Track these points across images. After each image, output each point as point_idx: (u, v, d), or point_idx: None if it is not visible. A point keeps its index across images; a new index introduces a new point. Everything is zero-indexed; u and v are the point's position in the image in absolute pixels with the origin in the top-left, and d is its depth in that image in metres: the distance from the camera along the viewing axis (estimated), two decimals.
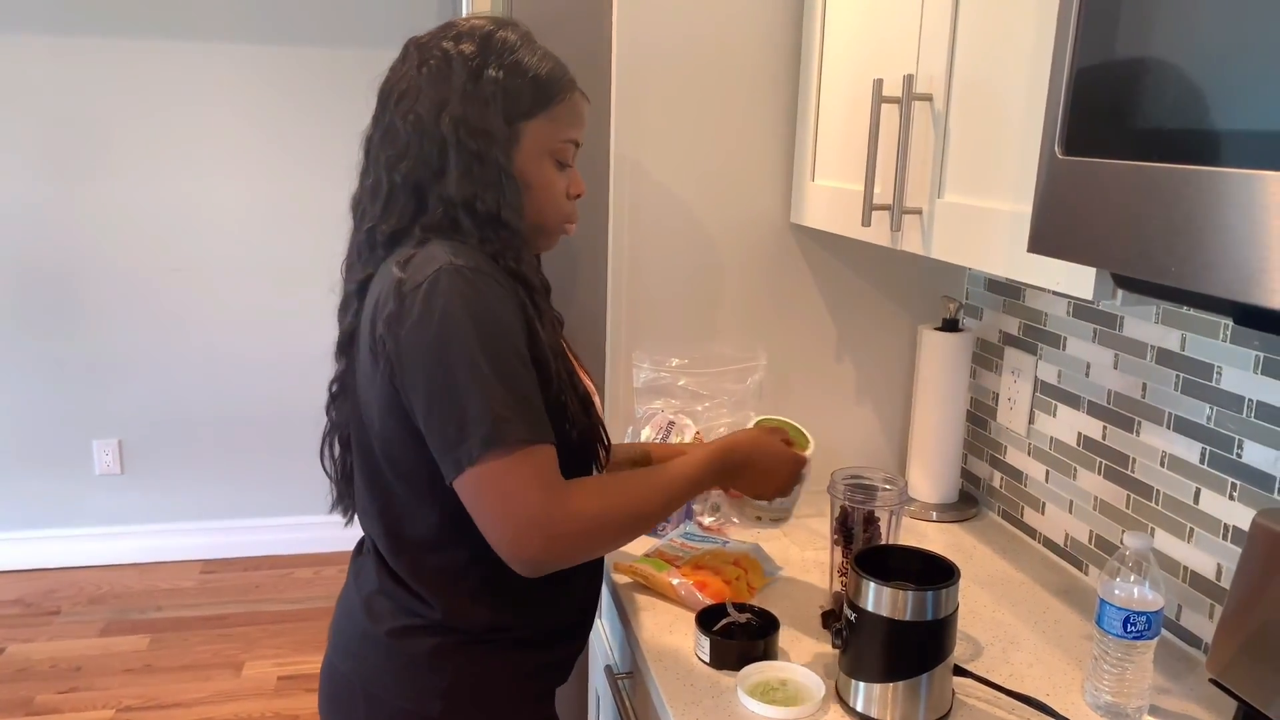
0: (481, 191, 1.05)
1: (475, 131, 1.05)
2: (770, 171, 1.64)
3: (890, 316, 1.73)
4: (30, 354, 3.30)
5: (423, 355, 0.97)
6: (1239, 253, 0.65)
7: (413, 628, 1.10)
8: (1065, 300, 1.46)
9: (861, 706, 1.08)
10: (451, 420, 0.97)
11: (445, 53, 1.07)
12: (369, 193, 1.10)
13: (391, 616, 1.11)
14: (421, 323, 0.97)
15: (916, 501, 1.67)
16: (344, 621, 1.18)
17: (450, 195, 1.05)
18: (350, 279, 1.13)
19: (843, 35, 1.46)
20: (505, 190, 1.06)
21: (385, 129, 1.08)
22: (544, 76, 1.09)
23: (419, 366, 0.98)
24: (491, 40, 1.08)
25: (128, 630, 3.05)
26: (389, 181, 1.07)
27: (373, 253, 1.10)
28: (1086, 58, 0.79)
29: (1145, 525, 1.32)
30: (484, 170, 1.05)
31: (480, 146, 1.05)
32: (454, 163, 1.05)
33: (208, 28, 3.19)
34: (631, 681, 1.38)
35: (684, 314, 1.66)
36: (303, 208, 3.36)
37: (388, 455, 1.07)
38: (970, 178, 1.12)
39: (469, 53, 1.06)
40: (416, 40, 1.11)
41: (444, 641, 1.10)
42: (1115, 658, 1.07)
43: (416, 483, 1.06)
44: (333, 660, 1.18)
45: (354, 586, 1.18)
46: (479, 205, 1.05)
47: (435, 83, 1.06)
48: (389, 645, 1.11)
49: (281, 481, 3.54)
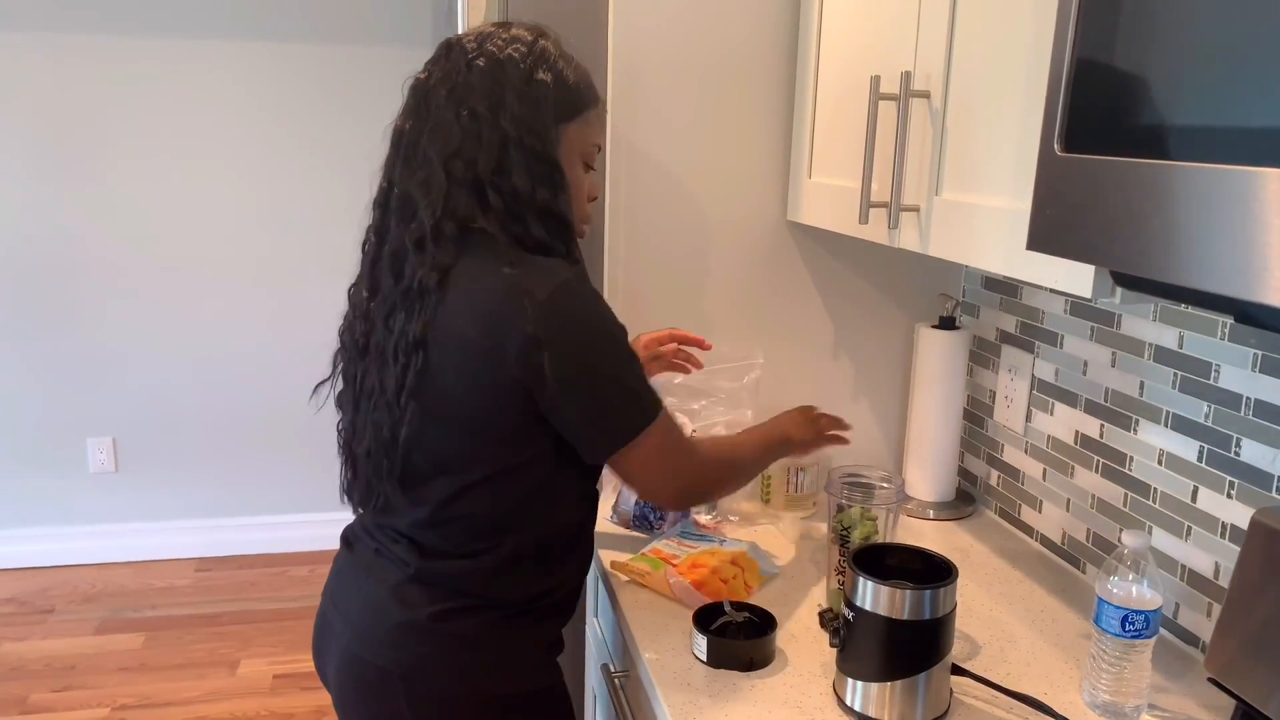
0: (539, 187, 1.11)
1: (533, 130, 1.11)
2: (767, 169, 1.64)
3: (887, 314, 1.73)
4: (24, 352, 3.29)
5: (578, 353, 1.08)
6: (1239, 249, 0.65)
7: (453, 610, 1.15)
8: (1063, 298, 1.46)
9: (859, 706, 1.07)
10: (618, 401, 1.11)
11: (494, 55, 1.12)
12: (421, 187, 1.12)
13: (428, 601, 1.15)
14: (571, 326, 1.07)
15: (913, 500, 1.67)
16: (368, 615, 1.18)
17: (515, 189, 1.11)
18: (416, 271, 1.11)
19: (839, 31, 1.46)
20: (560, 186, 1.14)
21: (434, 124, 1.11)
22: (582, 83, 1.18)
23: (575, 362, 1.07)
24: (537, 46, 1.14)
25: (122, 629, 3.04)
26: (446, 176, 1.10)
27: (440, 245, 1.10)
28: (1085, 54, 0.79)
29: (1143, 524, 1.31)
30: (542, 166, 1.12)
31: (538, 144, 1.11)
32: (515, 159, 1.10)
33: (201, 25, 3.18)
34: (628, 680, 1.38)
35: (680, 311, 1.66)
36: (297, 205, 3.35)
37: (478, 448, 1.12)
38: (968, 175, 1.12)
39: (519, 55, 1.12)
40: (458, 40, 1.16)
41: (483, 619, 1.16)
42: (1113, 656, 1.07)
43: (504, 471, 1.13)
44: (360, 654, 1.18)
45: (369, 580, 1.20)
46: (538, 199, 1.11)
47: (489, 82, 1.11)
48: (430, 629, 1.15)
49: (276, 480, 3.53)
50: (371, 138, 1.42)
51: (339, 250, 3.31)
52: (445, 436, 1.12)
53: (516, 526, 1.16)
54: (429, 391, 1.11)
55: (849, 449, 1.75)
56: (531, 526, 1.17)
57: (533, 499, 1.16)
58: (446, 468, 1.14)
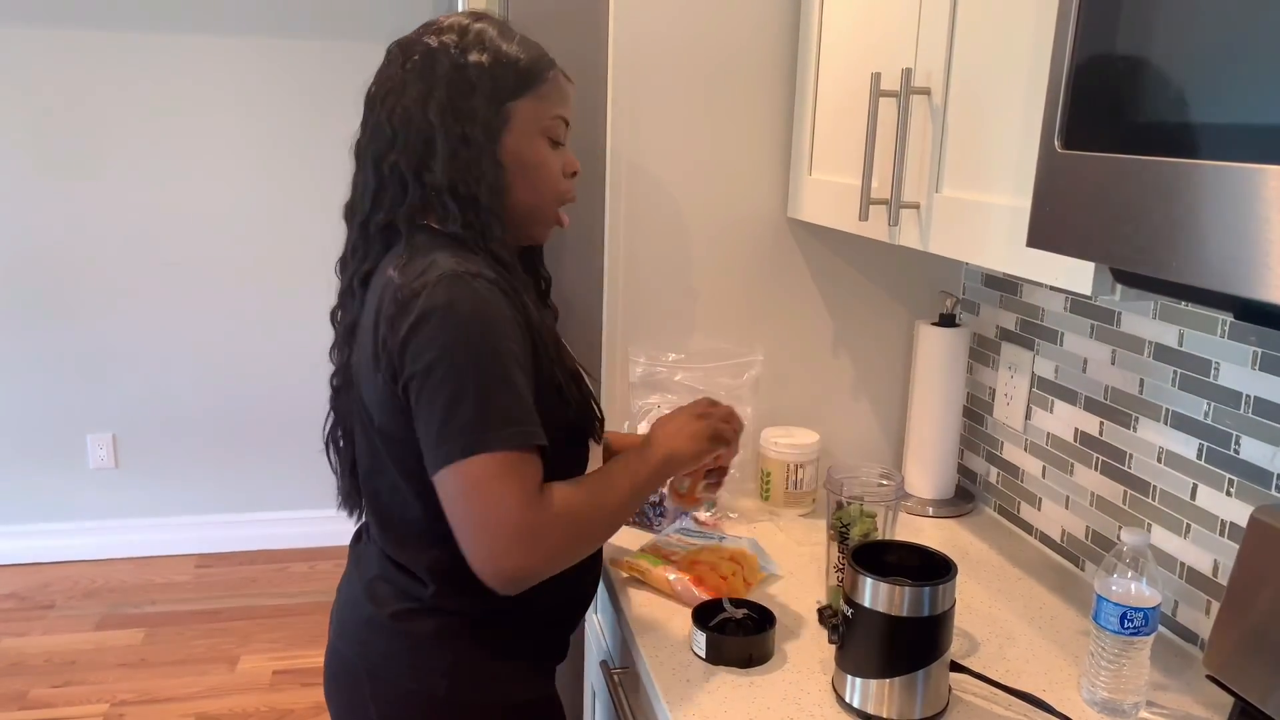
0: (464, 174, 1.07)
1: (460, 115, 1.07)
2: (767, 166, 1.63)
3: (887, 311, 1.73)
4: (25, 348, 3.29)
5: (422, 356, 0.99)
6: (1240, 247, 0.65)
7: (414, 610, 1.13)
8: (1062, 295, 1.46)
9: (858, 703, 1.07)
10: (442, 417, 0.98)
11: (427, 47, 1.10)
12: (359, 190, 1.14)
13: (394, 600, 1.14)
14: (420, 326, 0.99)
15: (913, 497, 1.67)
16: (347, 609, 1.20)
17: (436, 180, 1.07)
18: (349, 273, 1.17)
19: (840, 28, 1.45)
20: (486, 171, 1.08)
21: (373, 129, 1.11)
22: (526, 57, 1.12)
23: (419, 366, 1.00)
24: (470, 30, 1.11)
25: (122, 624, 3.04)
26: (377, 175, 1.10)
27: (369, 246, 1.14)
28: (1086, 51, 0.79)
29: (1142, 521, 1.31)
30: (468, 152, 1.07)
31: (465, 129, 1.07)
32: (440, 148, 1.07)
33: (202, 21, 3.17)
34: (627, 677, 1.38)
35: (680, 309, 1.66)
36: (297, 202, 3.35)
37: (387, 449, 1.10)
38: (968, 172, 1.12)
39: (451, 43, 1.09)
40: (399, 41, 1.14)
41: (446, 622, 1.13)
42: (1112, 654, 1.07)
43: (413, 477, 1.08)
44: (337, 646, 1.20)
45: (355, 573, 1.21)
46: (461, 189, 1.07)
47: (420, 76, 1.08)
48: (392, 628, 1.13)
49: (276, 476, 3.54)
50: None
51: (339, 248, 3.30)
52: (363, 436, 1.13)
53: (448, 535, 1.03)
54: (354, 392, 1.13)
55: (849, 445, 1.75)
56: None
57: None
58: (371, 469, 1.14)
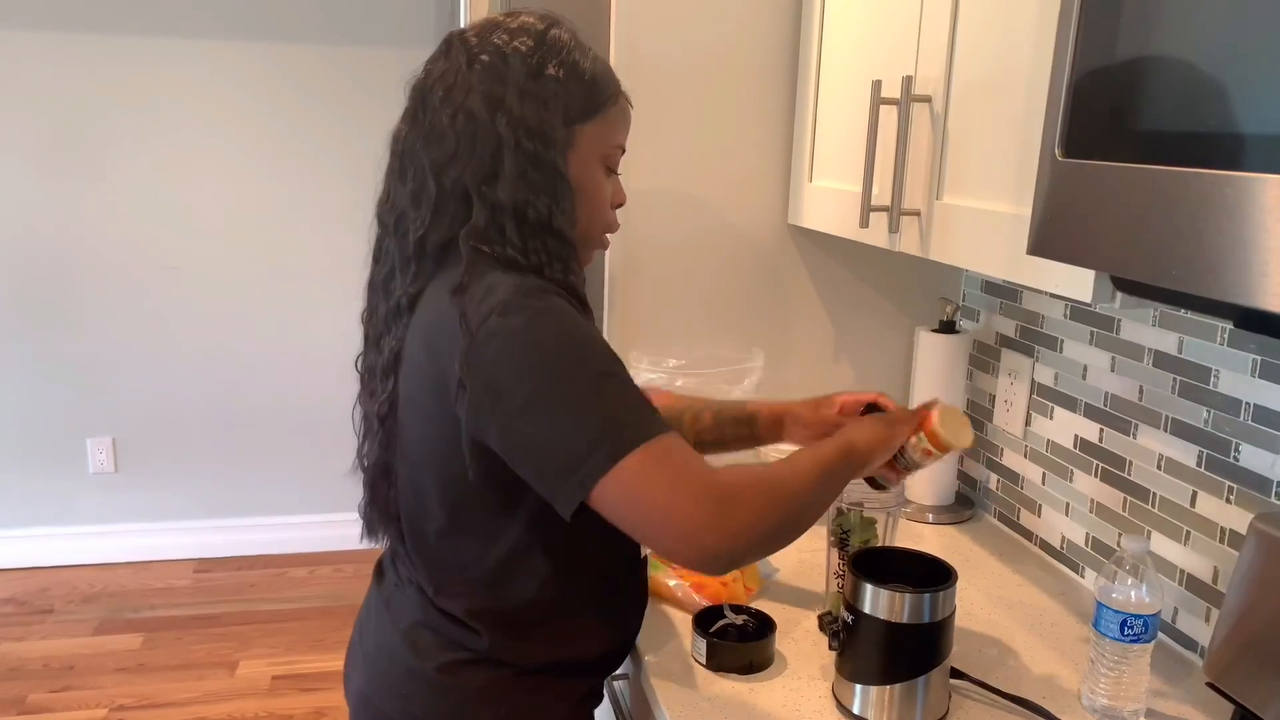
0: (534, 197, 0.98)
1: (533, 132, 0.98)
2: (768, 172, 1.64)
3: (887, 318, 1.73)
4: (24, 352, 3.29)
5: (518, 389, 0.89)
6: (1240, 255, 0.65)
7: (463, 662, 1.05)
8: (1062, 302, 1.46)
9: (859, 709, 1.07)
10: (567, 443, 0.88)
11: (499, 48, 0.99)
12: (411, 198, 1.01)
13: (439, 650, 1.06)
14: (503, 357, 0.90)
15: (913, 504, 1.67)
16: (383, 659, 1.10)
17: (500, 201, 0.97)
18: (398, 290, 1.03)
19: (841, 36, 1.46)
20: (561, 196, 0.99)
21: (429, 129, 1.00)
22: (600, 77, 1.04)
23: (515, 401, 0.89)
24: (548, 37, 1.01)
25: (121, 629, 3.04)
26: (437, 186, 0.99)
27: (422, 264, 1.02)
28: (1087, 59, 0.79)
29: (1142, 528, 1.32)
30: (540, 174, 0.98)
31: (537, 148, 0.98)
32: (509, 166, 0.97)
33: (204, 25, 3.18)
34: (628, 683, 1.38)
35: (681, 314, 1.66)
36: (299, 207, 3.35)
37: (445, 491, 1.01)
38: (969, 179, 1.12)
39: (526, 49, 0.99)
40: (460, 34, 1.02)
41: (497, 674, 1.05)
42: (1112, 661, 1.07)
43: (475, 520, 1.01)
44: (372, 699, 1.11)
45: (388, 620, 1.11)
46: (530, 212, 0.98)
47: (489, 80, 0.98)
48: (439, 681, 1.05)
49: (276, 480, 3.53)
50: (373, 140, 1.41)
51: (339, 251, 3.31)
52: (413, 476, 1.03)
53: (512, 585, 1.00)
54: (398, 422, 1.03)
55: None
56: (533, 589, 1.02)
57: (521, 557, 1.01)
58: (418, 511, 1.04)
